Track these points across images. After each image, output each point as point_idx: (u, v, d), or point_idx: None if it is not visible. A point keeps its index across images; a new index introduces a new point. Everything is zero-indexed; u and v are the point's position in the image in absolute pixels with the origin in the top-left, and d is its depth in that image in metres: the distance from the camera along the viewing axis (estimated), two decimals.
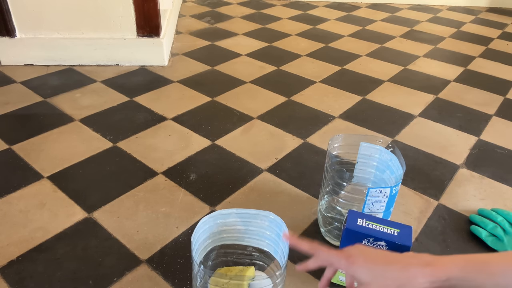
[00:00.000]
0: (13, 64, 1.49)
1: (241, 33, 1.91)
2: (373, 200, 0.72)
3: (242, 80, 1.48)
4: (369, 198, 0.71)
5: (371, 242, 0.65)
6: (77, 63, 1.52)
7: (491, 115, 1.33)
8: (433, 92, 1.45)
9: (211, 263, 0.73)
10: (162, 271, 0.76)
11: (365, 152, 0.82)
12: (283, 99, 1.37)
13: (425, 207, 0.94)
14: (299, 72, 1.56)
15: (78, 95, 1.33)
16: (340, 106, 1.34)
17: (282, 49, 1.75)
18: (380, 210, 0.74)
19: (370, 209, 0.73)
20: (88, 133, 1.15)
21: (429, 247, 0.84)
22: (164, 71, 1.52)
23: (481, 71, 1.65)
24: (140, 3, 1.43)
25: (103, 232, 0.84)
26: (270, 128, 1.21)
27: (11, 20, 1.42)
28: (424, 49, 1.83)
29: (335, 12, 2.28)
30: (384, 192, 0.71)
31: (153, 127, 1.19)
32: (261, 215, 0.68)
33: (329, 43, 1.84)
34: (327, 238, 0.83)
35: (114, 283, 0.73)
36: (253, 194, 0.95)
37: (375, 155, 0.81)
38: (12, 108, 1.24)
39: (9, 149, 1.07)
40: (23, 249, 0.79)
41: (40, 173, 0.99)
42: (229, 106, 1.31)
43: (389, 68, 1.62)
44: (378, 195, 0.71)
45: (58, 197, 0.92)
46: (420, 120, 1.29)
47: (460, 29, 2.11)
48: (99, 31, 1.48)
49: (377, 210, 0.73)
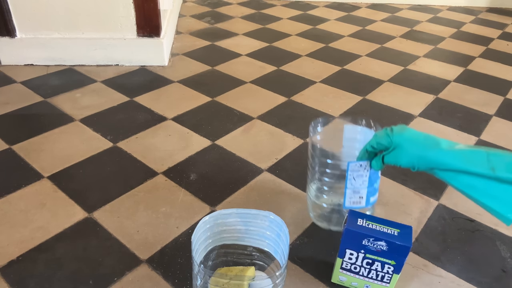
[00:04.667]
0: (13, 64, 1.49)
1: (241, 33, 1.91)
2: (355, 175, 0.71)
3: (242, 80, 1.48)
4: (350, 172, 0.71)
5: (371, 242, 0.66)
6: (77, 63, 1.52)
7: (491, 115, 1.33)
8: (433, 92, 1.45)
9: (211, 263, 0.73)
10: (162, 271, 0.76)
11: (350, 134, 0.81)
12: (283, 99, 1.37)
13: (425, 207, 0.94)
14: (299, 72, 1.56)
15: (78, 95, 1.33)
16: (340, 106, 1.34)
17: (282, 49, 1.75)
18: (364, 186, 0.73)
19: (352, 184, 0.72)
20: (88, 133, 1.15)
21: (429, 247, 0.84)
22: (164, 71, 1.52)
23: (481, 71, 1.65)
24: (140, 3, 1.44)
25: (103, 232, 0.84)
26: (270, 128, 1.21)
27: (11, 20, 1.42)
28: (424, 49, 1.83)
29: (335, 12, 2.28)
30: (365, 166, 0.70)
31: (153, 127, 1.19)
32: (261, 215, 0.68)
33: (329, 43, 1.84)
34: (318, 223, 0.86)
35: (114, 283, 0.73)
36: (253, 194, 0.95)
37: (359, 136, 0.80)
38: (12, 108, 1.24)
39: (9, 149, 1.07)
40: (23, 249, 0.79)
41: (40, 173, 0.99)
42: (229, 106, 1.31)
43: (389, 68, 1.62)
44: (358, 169, 0.70)
45: (58, 197, 0.92)
46: (420, 120, 1.29)
47: (460, 29, 2.11)
48: (99, 31, 1.48)
49: (360, 185, 0.72)
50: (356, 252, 0.68)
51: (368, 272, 0.70)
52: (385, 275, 0.69)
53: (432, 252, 0.83)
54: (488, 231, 0.89)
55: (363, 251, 0.67)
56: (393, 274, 0.68)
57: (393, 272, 0.68)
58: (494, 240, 0.87)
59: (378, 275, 0.69)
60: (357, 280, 0.72)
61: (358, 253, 0.68)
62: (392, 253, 0.66)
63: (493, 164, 0.53)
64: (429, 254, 0.82)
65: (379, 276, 0.69)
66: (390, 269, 0.68)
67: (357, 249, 0.68)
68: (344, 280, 0.73)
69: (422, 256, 0.81)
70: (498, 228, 0.89)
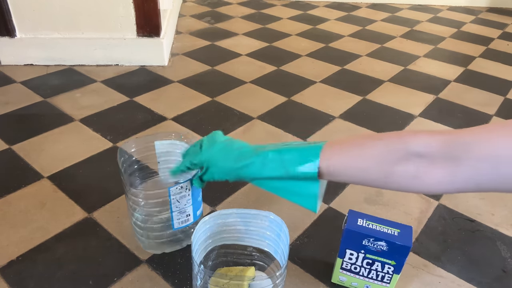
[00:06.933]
0: (13, 64, 1.49)
1: (241, 33, 1.90)
2: (178, 197, 0.71)
3: (242, 80, 1.48)
4: (172, 196, 0.70)
5: (371, 242, 0.65)
6: (77, 63, 1.52)
7: (492, 115, 1.33)
8: (433, 92, 1.45)
9: (211, 263, 0.73)
10: (162, 271, 0.76)
11: (162, 149, 0.80)
12: (283, 99, 1.37)
13: (426, 207, 0.94)
14: (299, 72, 1.56)
15: (78, 95, 1.33)
16: (340, 106, 1.34)
17: (282, 49, 1.75)
18: (188, 204, 0.73)
19: (178, 206, 0.72)
20: (88, 133, 1.15)
21: (429, 247, 0.84)
22: (164, 71, 1.52)
23: (482, 71, 1.65)
24: (140, 3, 1.43)
25: (103, 232, 0.83)
26: (270, 128, 1.21)
27: (11, 20, 1.42)
28: (425, 49, 1.83)
29: (335, 12, 2.28)
30: (185, 186, 0.70)
31: (153, 127, 1.19)
32: (261, 215, 0.68)
33: (329, 43, 1.84)
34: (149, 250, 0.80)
35: (114, 283, 0.73)
36: (253, 194, 0.95)
37: (174, 150, 0.79)
38: (12, 108, 1.24)
39: (9, 149, 1.07)
40: (23, 249, 0.79)
41: (40, 173, 0.99)
42: (229, 106, 1.31)
43: (389, 68, 1.62)
44: (180, 191, 0.70)
45: (58, 197, 0.92)
46: (420, 120, 1.29)
47: (461, 29, 2.11)
48: (99, 31, 1.48)
49: (185, 205, 0.73)
50: (356, 252, 0.68)
51: (368, 272, 0.70)
52: (385, 275, 0.69)
53: (432, 252, 0.83)
54: (489, 231, 0.89)
55: (363, 251, 0.67)
56: (393, 274, 0.68)
57: (393, 272, 0.68)
58: (495, 240, 0.86)
59: (378, 275, 0.69)
60: (357, 280, 0.72)
61: (358, 253, 0.68)
62: (392, 253, 0.65)
63: (286, 164, 0.55)
64: (429, 254, 0.82)
65: (379, 276, 0.69)
66: (390, 269, 0.68)
67: (357, 249, 0.67)
68: (344, 280, 0.73)
69: (422, 256, 0.81)
70: (498, 228, 0.89)
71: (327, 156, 0.53)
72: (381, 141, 0.51)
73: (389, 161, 0.49)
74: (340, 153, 0.53)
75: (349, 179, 0.54)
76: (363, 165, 0.51)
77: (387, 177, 0.50)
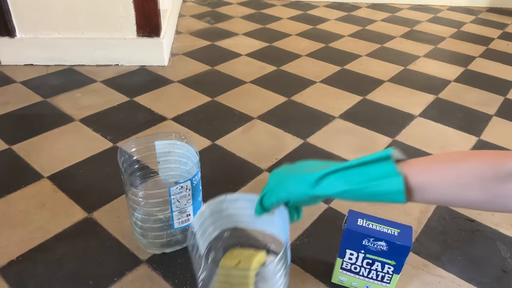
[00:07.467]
0: (13, 64, 1.49)
1: (241, 33, 1.90)
2: (178, 197, 0.71)
3: (242, 80, 1.48)
4: (173, 196, 0.71)
5: (371, 242, 0.65)
6: (77, 63, 1.52)
7: (492, 115, 1.33)
8: (433, 92, 1.45)
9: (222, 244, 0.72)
10: (162, 271, 0.76)
11: (163, 150, 0.80)
12: (283, 99, 1.37)
13: (426, 207, 0.94)
14: (299, 72, 1.56)
15: (78, 95, 1.33)
16: (340, 106, 1.34)
17: (282, 49, 1.75)
18: (189, 204, 0.73)
19: (178, 206, 0.72)
20: (88, 133, 1.15)
21: (429, 247, 0.84)
22: (164, 71, 1.52)
23: (482, 71, 1.65)
24: (140, 3, 1.43)
25: (103, 232, 0.83)
26: (270, 128, 1.21)
27: (11, 20, 1.42)
28: (424, 49, 1.83)
29: (335, 12, 2.28)
30: (186, 186, 0.71)
31: (153, 127, 1.19)
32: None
33: (329, 43, 1.84)
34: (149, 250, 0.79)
35: (114, 283, 0.73)
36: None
37: (175, 150, 0.80)
38: (12, 108, 1.24)
39: (9, 149, 1.07)
40: (23, 249, 0.79)
41: (40, 173, 0.99)
42: (229, 106, 1.31)
43: (389, 68, 1.62)
44: (180, 190, 0.70)
45: (58, 197, 0.92)
46: (420, 120, 1.29)
47: (461, 29, 2.11)
48: (99, 31, 1.48)
49: (185, 205, 0.73)
50: (356, 252, 0.68)
51: (368, 272, 0.70)
52: (385, 275, 0.69)
53: (432, 252, 0.83)
54: (489, 231, 0.89)
55: (363, 251, 0.67)
56: (393, 274, 0.68)
57: (393, 272, 0.68)
58: (495, 240, 0.86)
59: (378, 275, 0.69)
60: (357, 280, 0.72)
61: (358, 253, 0.68)
62: (392, 253, 0.65)
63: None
64: (429, 254, 0.82)
65: (379, 276, 0.69)
66: (390, 269, 0.68)
67: (357, 249, 0.67)
68: (344, 280, 0.73)
69: (422, 256, 0.81)
70: (498, 228, 0.89)
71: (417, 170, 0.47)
72: (477, 157, 0.46)
73: (492, 179, 0.44)
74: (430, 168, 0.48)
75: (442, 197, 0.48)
76: (464, 181, 0.45)
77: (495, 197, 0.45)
